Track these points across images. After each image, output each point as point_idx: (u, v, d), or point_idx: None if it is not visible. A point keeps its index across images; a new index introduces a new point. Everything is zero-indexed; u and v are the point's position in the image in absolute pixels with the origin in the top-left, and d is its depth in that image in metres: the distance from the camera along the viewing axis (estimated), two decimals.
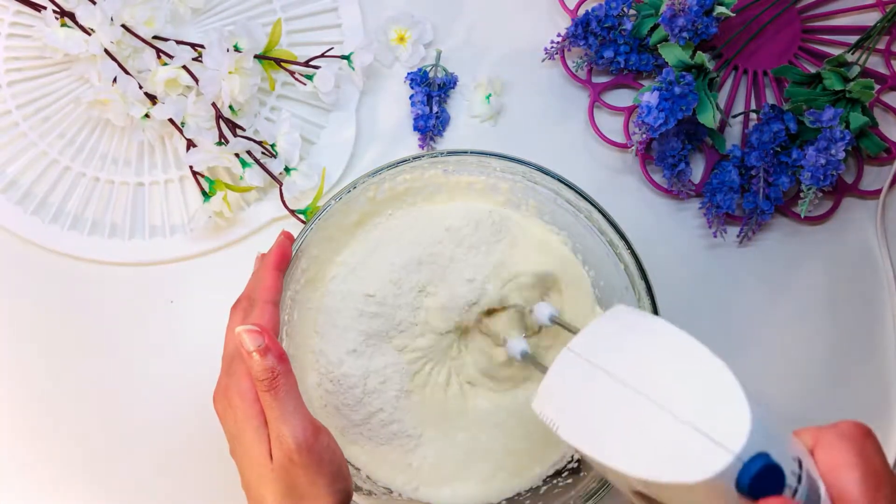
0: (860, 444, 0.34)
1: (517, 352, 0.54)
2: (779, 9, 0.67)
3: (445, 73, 0.66)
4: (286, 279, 0.55)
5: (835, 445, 0.34)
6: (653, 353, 0.40)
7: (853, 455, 0.34)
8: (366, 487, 0.56)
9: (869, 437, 0.35)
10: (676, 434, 0.36)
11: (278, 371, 0.46)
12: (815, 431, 0.35)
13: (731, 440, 0.34)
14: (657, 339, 0.40)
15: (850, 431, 0.35)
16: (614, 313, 0.44)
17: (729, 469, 0.34)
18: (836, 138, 0.60)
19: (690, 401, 0.37)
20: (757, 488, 0.34)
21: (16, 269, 0.63)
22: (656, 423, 0.37)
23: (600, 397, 0.40)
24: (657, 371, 0.39)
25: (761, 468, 0.33)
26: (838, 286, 0.65)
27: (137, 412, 0.62)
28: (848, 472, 0.33)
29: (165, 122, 0.62)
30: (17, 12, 0.65)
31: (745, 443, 0.34)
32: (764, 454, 0.34)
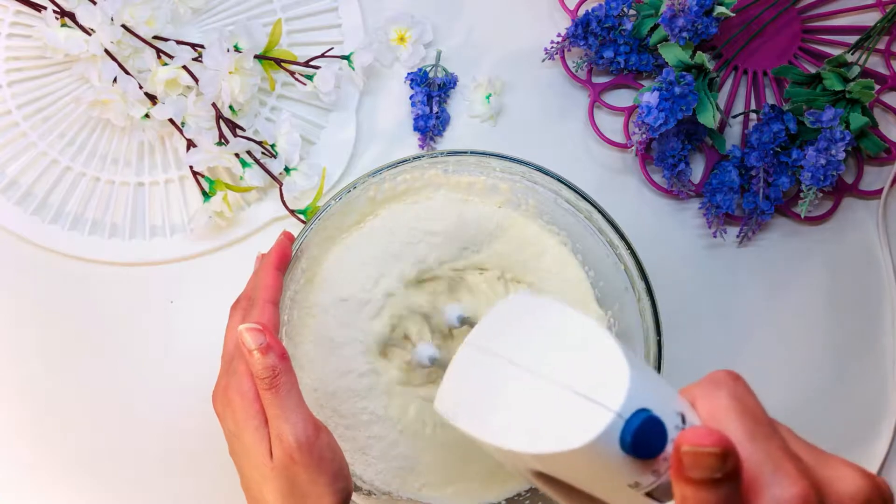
0: (732, 387, 0.35)
1: (425, 357, 0.54)
2: (779, 9, 0.67)
3: (445, 73, 0.66)
4: (286, 279, 0.55)
5: (711, 393, 0.35)
6: (542, 331, 0.40)
7: (728, 399, 0.34)
8: (365, 487, 0.56)
9: (738, 380, 0.36)
10: (559, 402, 0.36)
11: (279, 369, 0.47)
12: (692, 387, 0.36)
13: (610, 399, 0.34)
14: (547, 319, 0.40)
15: (722, 378, 0.36)
16: (509, 301, 0.44)
17: (611, 427, 0.33)
18: (836, 138, 0.60)
19: (572, 369, 0.37)
20: (640, 444, 0.33)
21: (16, 269, 0.63)
22: (541, 395, 0.37)
23: (491, 381, 0.40)
24: (544, 347, 0.39)
25: (642, 422, 0.33)
26: (838, 286, 0.65)
27: (137, 412, 0.62)
28: (726, 415, 0.34)
29: (165, 122, 0.62)
30: (18, 12, 0.65)
31: (625, 400, 0.34)
32: (645, 409, 0.34)
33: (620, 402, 0.34)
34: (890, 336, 0.64)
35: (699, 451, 0.32)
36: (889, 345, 0.64)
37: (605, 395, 0.34)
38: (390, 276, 0.58)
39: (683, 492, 0.32)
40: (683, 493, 0.32)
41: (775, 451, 0.33)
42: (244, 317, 0.51)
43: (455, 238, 0.59)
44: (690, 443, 0.32)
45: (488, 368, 0.41)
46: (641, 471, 0.34)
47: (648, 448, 0.33)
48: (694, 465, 0.32)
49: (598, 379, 0.35)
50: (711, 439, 0.32)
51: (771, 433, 0.34)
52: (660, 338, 0.54)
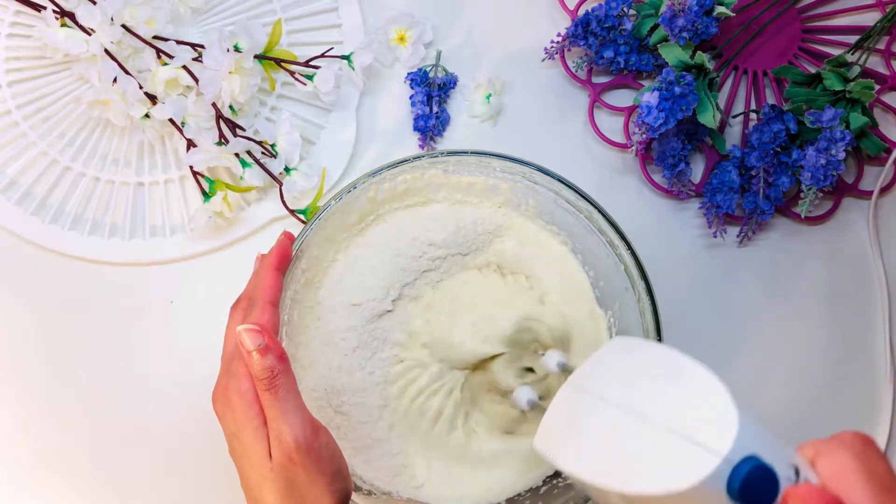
0: (861, 451, 0.34)
1: (524, 401, 0.53)
2: (779, 9, 0.67)
3: (445, 73, 0.66)
4: (286, 279, 0.55)
5: (836, 454, 0.33)
6: (645, 373, 0.40)
7: (856, 461, 0.33)
8: (365, 487, 0.56)
9: (870, 445, 0.34)
10: (664, 444, 0.35)
11: (278, 370, 0.47)
12: (815, 443, 0.35)
13: (718, 443, 0.34)
14: (650, 361, 0.40)
15: (851, 440, 0.34)
16: (614, 343, 0.44)
17: (717, 472, 0.33)
18: (836, 138, 0.60)
19: (678, 412, 0.36)
20: (749, 491, 0.33)
21: (16, 269, 0.63)
22: (645, 436, 0.37)
23: (593, 422, 0.40)
24: (648, 390, 0.38)
25: (751, 469, 0.33)
26: (838, 286, 0.65)
27: (137, 412, 0.62)
28: (851, 478, 0.32)
29: (165, 122, 0.62)
30: (18, 12, 0.65)
31: (733, 445, 0.33)
32: (754, 457, 0.33)
33: (728, 447, 0.33)
34: (881, 335, 0.64)
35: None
36: (880, 344, 0.64)
37: (712, 439, 0.34)
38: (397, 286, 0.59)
39: None
40: None
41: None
42: (244, 317, 0.50)
43: (455, 245, 0.59)
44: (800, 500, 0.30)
45: (588, 408, 0.40)
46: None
47: (757, 497, 0.33)
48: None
49: (705, 422, 0.35)
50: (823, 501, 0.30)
51: None
52: (660, 338, 0.54)
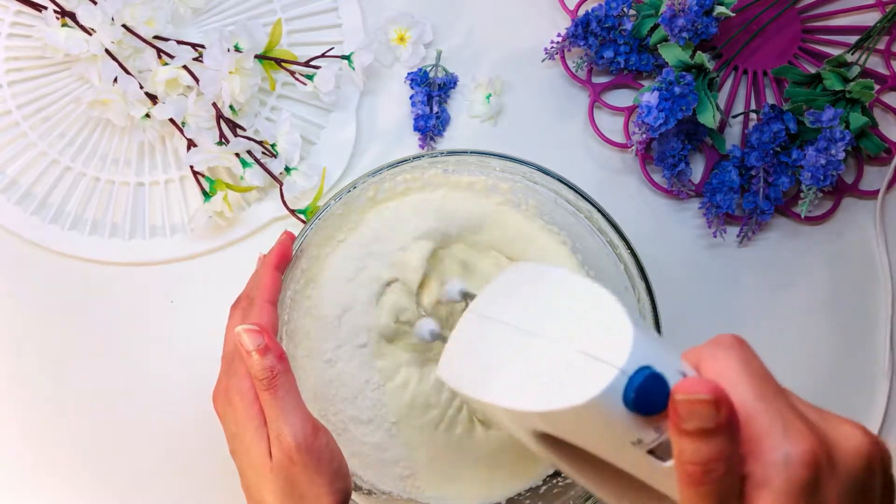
0: (738, 349, 0.36)
1: (426, 333, 0.53)
2: (779, 9, 0.67)
3: (445, 73, 0.66)
4: (286, 279, 0.55)
5: (716, 355, 0.35)
6: (544, 295, 0.40)
7: (735, 360, 0.35)
8: (365, 487, 0.56)
9: (744, 343, 0.36)
10: (563, 361, 0.36)
11: (277, 370, 0.47)
12: (697, 349, 0.36)
13: (614, 356, 0.34)
14: (549, 284, 0.41)
15: (728, 340, 0.36)
16: (512, 269, 0.44)
17: (615, 383, 0.34)
18: (836, 138, 0.60)
19: (576, 329, 0.37)
20: (643, 399, 0.34)
21: (16, 269, 0.63)
22: (545, 355, 0.37)
23: (493, 346, 0.41)
24: (547, 311, 0.39)
25: (645, 378, 0.34)
26: (838, 286, 0.65)
27: (137, 412, 0.62)
28: (734, 376, 0.34)
29: (166, 122, 0.62)
30: (18, 12, 0.65)
31: (629, 357, 0.34)
32: (647, 367, 0.34)
33: (624, 359, 0.34)
34: (881, 333, 0.64)
35: (692, 398, 0.32)
36: (879, 342, 0.64)
37: (609, 352, 0.35)
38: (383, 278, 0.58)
39: (680, 445, 0.33)
40: (680, 446, 0.33)
41: (784, 409, 0.34)
42: (244, 317, 0.51)
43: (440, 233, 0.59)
44: (684, 391, 0.32)
45: (490, 334, 0.41)
46: (644, 427, 0.34)
47: (651, 403, 0.34)
48: (688, 415, 0.32)
49: (602, 338, 0.36)
50: (705, 387, 0.32)
51: (779, 392, 0.35)
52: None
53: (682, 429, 0.32)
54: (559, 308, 0.39)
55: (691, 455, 0.33)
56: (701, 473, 0.33)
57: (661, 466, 0.35)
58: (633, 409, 0.34)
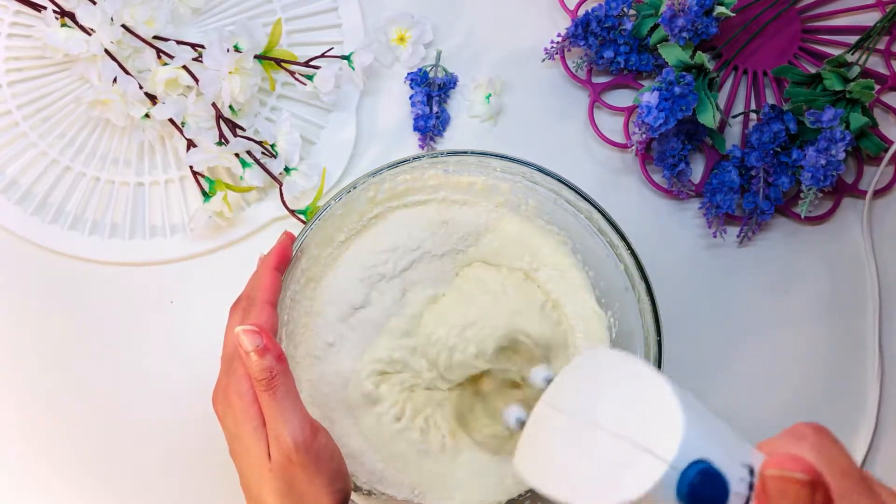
0: (816, 441, 0.33)
1: (513, 421, 0.52)
2: (779, 9, 0.67)
3: (445, 73, 0.66)
4: (286, 279, 0.55)
5: (791, 447, 0.33)
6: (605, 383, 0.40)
7: (812, 453, 0.32)
8: (365, 487, 0.56)
9: (824, 433, 0.33)
10: (615, 452, 0.36)
11: (276, 371, 0.47)
12: (771, 440, 0.34)
13: (664, 449, 0.33)
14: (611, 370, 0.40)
15: (805, 431, 0.34)
16: (582, 356, 0.44)
17: (665, 479, 0.33)
18: (837, 139, 0.60)
19: (629, 418, 0.36)
20: (697, 496, 0.33)
21: (16, 269, 0.63)
22: (598, 446, 0.37)
23: (556, 437, 0.40)
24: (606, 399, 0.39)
25: (698, 474, 0.33)
26: (838, 286, 0.65)
27: (137, 412, 0.62)
28: None
29: (165, 122, 0.62)
30: (17, 12, 0.65)
31: (678, 450, 0.33)
32: (702, 461, 0.33)
33: (674, 453, 0.33)
34: (871, 335, 0.64)
35: (786, 475, 0.30)
36: (870, 344, 0.64)
37: (659, 444, 0.34)
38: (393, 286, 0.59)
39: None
40: None
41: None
42: (243, 317, 0.51)
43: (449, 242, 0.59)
44: (777, 466, 0.30)
45: (553, 423, 0.41)
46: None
47: (706, 500, 0.33)
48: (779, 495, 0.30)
49: (653, 427, 0.35)
50: (801, 466, 0.30)
51: (863, 490, 0.32)
52: (660, 338, 0.54)
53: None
54: (617, 396, 0.38)
55: None
56: None
57: None
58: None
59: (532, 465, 0.42)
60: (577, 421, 0.40)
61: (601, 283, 0.58)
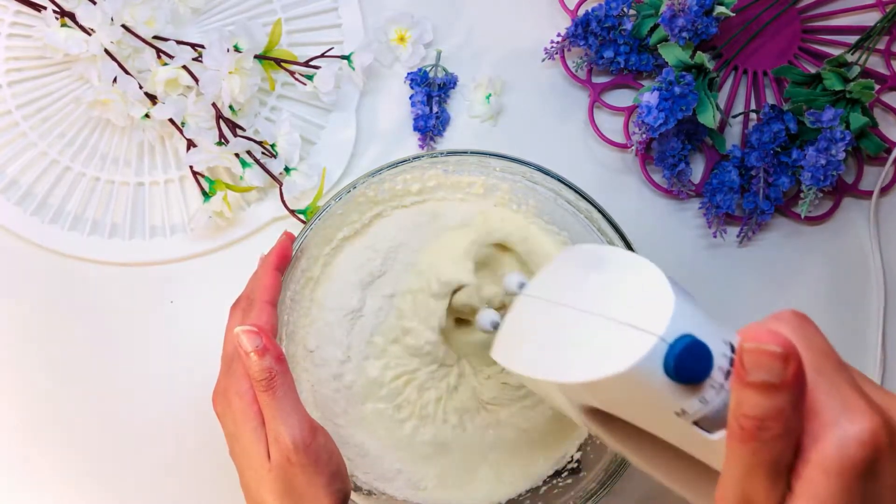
0: (799, 325, 0.34)
1: (487, 323, 0.52)
2: (779, 9, 0.67)
3: (445, 73, 0.66)
4: (285, 279, 0.55)
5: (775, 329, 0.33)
6: (591, 272, 0.40)
7: (793, 334, 0.33)
8: (365, 487, 0.56)
9: (805, 318, 0.34)
10: (608, 333, 0.36)
11: (276, 371, 0.47)
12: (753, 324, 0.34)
13: (654, 324, 0.34)
14: (596, 260, 0.41)
15: (787, 315, 0.34)
16: (565, 252, 0.44)
17: (654, 351, 0.34)
18: (837, 139, 0.60)
19: (619, 301, 0.37)
20: (683, 367, 0.33)
21: (16, 269, 0.63)
22: (591, 329, 0.37)
23: (540, 323, 0.41)
24: (593, 286, 0.39)
25: (685, 345, 0.33)
26: (838, 286, 0.65)
27: (137, 412, 0.62)
28: None
29: (165, 122, 0.62)
30: (17, 12, 0.65)
31: (668, 325, 0.34)
32: (689, 335, 0.34)
33: (664, 327, 0.34)
34: (875, 334, 0.64)
35: (760, 348, 0.30)
36: (872, 343, 0.64)
37: (649, 321, 0.34)
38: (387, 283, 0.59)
39: (739, 397, 0.31)
40: (739, 398, 0.31)
41: (844, 386, 0.32)
42: (243, 317, 0.51)
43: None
44: (752, 339, 0.31)
45: (540, 313, 0.41)
46: (687, 398, 0.34)
47: (692, 372, 0.33)
48: (754, 366, 0.30)
49: (645, 308, 0.35)
50: (776, 339, 0.30)
51: (840, 368, 0.33)
52: None
53: (746, 380, 0.31)
54: (608, 284, 0.39)
55: (750, 408, 0.31)
56: (755, 429, 0.31)
57: (708, 439, 0.34)
58: (674, 378, 0.33)
59: (513, 351, 0.42)
60: (560, 306, 0.40)
61: None
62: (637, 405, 0.36)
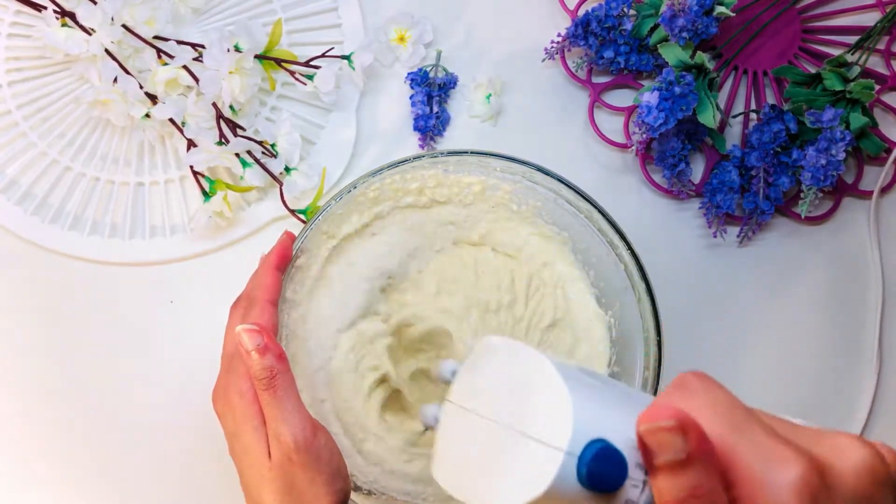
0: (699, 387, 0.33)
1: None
2: (779, 9, 0.67)
3: (445, 73, 0.66)
4: (285, 279, 0.55)
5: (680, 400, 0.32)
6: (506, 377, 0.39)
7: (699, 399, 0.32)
8: (365, 487, 0.56)
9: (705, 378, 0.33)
10: (521, 451, 0.35)
11: (277, 370, 0.47)
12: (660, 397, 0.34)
13: (558, 437, 0.33)
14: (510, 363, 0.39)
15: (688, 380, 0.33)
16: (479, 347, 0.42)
17: (564, 468, 0.32)
18: (837, 139, 0.60)
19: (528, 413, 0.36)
20: (597, 479, 0.32)
21: (16, 269, 0.63)
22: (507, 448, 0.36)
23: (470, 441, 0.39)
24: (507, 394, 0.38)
25: (594, 455, 0.32)
26: (838, 286, 0.65)
27: (137, 412, 0.62)
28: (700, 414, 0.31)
29: (166, 121, 0.62)
30: (18, 12, 0.65)
31: (571, 436, 0.33)
32: (598, 440, 0.33)
33: (567, 440, 0.33)
34: (871, 335, 0.64)
35: (655, 426, 0.30)
36: (869, 343, 0.64)
37: (553, 434, 0.33)
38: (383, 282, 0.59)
39: (657, 485, 0.31)
40: (657, 486, 0.31)
41: (762, 437, 0.31)
42: (244, 317, 0.51)
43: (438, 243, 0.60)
44: (645, 420, 0.30)
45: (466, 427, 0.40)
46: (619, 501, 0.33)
47: (608, 479, 0.32)
48: (657, 448, 0.30)
49: (548, 417, 0.34)
50: (667, 413, 0.30)
51: (749, 418, 0.32)
52: (660, 338, 0.54)
53: (654, 465, 0.30)
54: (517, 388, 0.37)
55: (669, 494, 0.30)
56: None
57: None
58: (592, 489, 0.32)
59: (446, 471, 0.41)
60: (476, 418, 0.39)
61: (601, 284, 0.58)
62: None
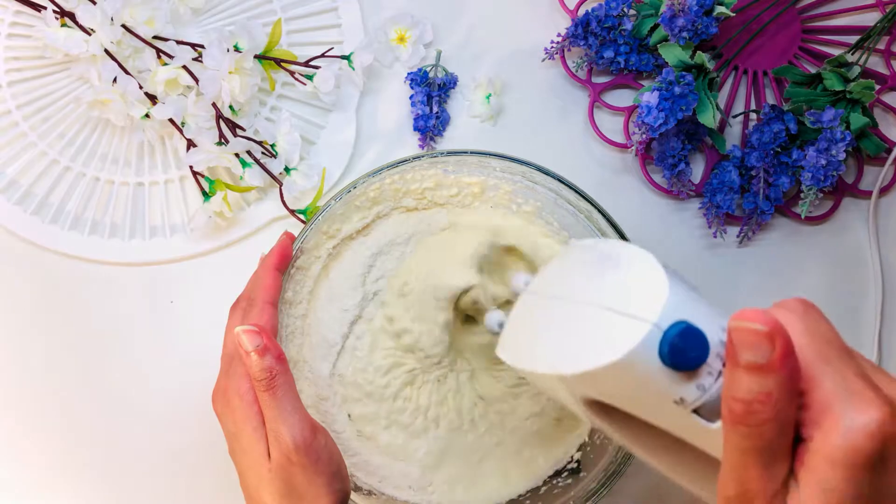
0: (802, 312, 0.33)
1: (495, 324, 0.52)
2: (779, 9, 0.67)
3: (445, 73, 0.66)
4: (285, 279, 0.55)
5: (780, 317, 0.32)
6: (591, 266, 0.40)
7: (798, 322, 0.32)
8: (365, 488, 0.56)
9: (811, 307, 0.34)
10: (602, 323, 0.36)
11: (276, 371, 0.46)
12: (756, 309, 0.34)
13: (648, 311, 0.34)
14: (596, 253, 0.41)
15: (793, 304, 0.34)
16: (568, 248, 0.45)
17: (648, 338, 0.33)
18: (837, 139, 0.60)
19: (616, 291, 0.37)
20: (677, 353, 0.33)
21: (16, 269, 0.63)
22: (588, 321, 0.37)
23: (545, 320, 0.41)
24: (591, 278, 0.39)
25: (679, 331, 0.33)
26: (838, 286, 0.65)
27: (137, 412, 0.62)
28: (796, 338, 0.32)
29: (165, 122, 0.62)
30: (17, 12, 0.65)
31: (662, 311, 0.34)
32: (683, 321, 0.33)
33: (658, 314, 0.34)
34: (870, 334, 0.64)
35: (745, 326, 0.30)
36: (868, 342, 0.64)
37: (643, 308, 0.34)
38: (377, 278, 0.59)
39: (730, 377, 0.31)
40: (730, 380, 0.31)
41: (850, 374, 0.31)
42: (243, 317, 0.51)
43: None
44: (739, 318, 0.30)
45: (540, 309, 0.42)
46: (685, 385, 0.34)
47: (686, 357, 0.33)
48: (741, 345, 0.30)
49: (640, 296, 0.35)
50: (762, 318, 0.30)
51: (845, 355, 0.32)
52: None
53: (735, 360, 0.30)
54: (605, 275, 0.39)
55: (739, 391, 0.30)
56: (745, 413, 0.30)
57: (708, 427, 0.34)
58: (669, 365, 0.33)
59: (517, 349, 0.42)
60: (559, 301, 0.40)
61: None
62: (636, 395, 0.36)
